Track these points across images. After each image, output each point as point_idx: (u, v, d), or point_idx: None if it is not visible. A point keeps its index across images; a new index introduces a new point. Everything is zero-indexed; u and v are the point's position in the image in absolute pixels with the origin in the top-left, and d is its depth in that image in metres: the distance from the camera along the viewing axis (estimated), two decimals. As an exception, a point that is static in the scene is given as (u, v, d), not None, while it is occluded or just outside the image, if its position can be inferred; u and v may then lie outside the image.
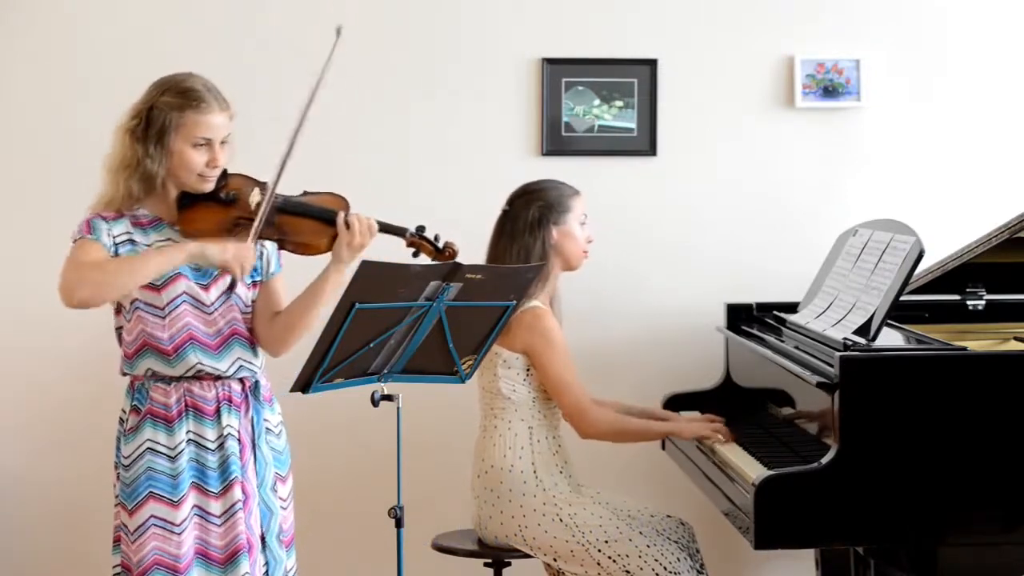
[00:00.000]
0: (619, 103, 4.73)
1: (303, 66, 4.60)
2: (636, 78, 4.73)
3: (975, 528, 3.46)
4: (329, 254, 3.48)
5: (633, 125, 4.74)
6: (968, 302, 4.37)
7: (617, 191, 4.72)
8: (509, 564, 4.06)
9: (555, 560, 3.90)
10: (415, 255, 3.56)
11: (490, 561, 4.06)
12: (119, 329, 3.51)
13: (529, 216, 3.96)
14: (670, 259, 4.78)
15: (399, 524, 3.42)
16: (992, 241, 3.98)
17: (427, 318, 3.34)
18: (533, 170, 4.32)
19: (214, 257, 3.36)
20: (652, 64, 4.73)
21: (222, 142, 3.45)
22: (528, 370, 3.95)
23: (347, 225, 3.45)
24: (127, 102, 4.65)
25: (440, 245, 3.54)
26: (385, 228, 3.51)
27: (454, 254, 3.55)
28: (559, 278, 4.06)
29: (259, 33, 4.70)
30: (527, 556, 3.96)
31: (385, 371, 3.42)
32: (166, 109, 3.42)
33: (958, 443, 3.42)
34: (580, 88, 4.72)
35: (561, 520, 3.88)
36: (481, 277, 3.36)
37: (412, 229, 3.54)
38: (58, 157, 4.73)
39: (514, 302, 3.47)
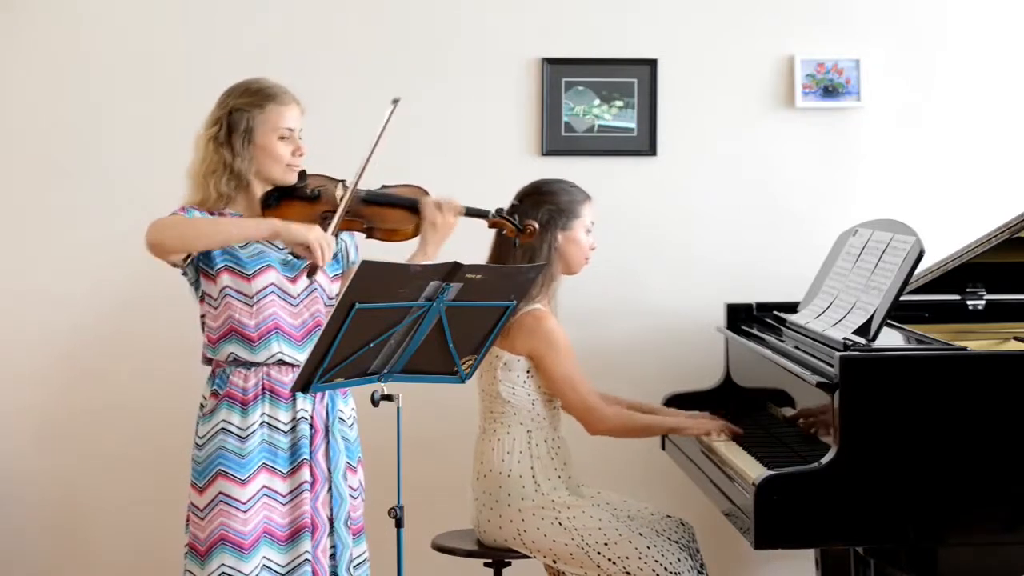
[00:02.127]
0: (619, 103, 4.73)
1: (304, 66, 4.64)
2: (636, 78, 4.73)
3: (975, 528, 3.46)
4: (415, 240, 3.67)
5: (633, 125, 4.74)
6: (968, 302, 4.37)
7: (617, 191, 4.72)
8: (509, 564, 4.06)
9: (555, 562, 3.90)
10: (498, 234, 3.88)
11: (490, 561, 4.06)
12: (203, 317, 3.63)
13: (537, 218, 3.96)
14: (670, 259, 4.78)
15: (399, 524, 3.42)
16: (992, 241, 3.98)
17: (427, 318, 3.34)
18: (533, 170, 4.32)
19: (298, 235, 3.48)
20: (652, 64, 4.73)
21: (300, 137, 3.63)
22: (528, 372, 3.95)
23: (433, 206, 3.64)
24: (127, 102, 4.71)
25: (521, 224, 3.77)
26: (469, 211, 3.72)
27: (535, 231, 3.81)
28: (560, 282, 4.06)
29: (260, 33, 4.71)
30: (527, 556, 3.96)
31: (385, 371, 3.42)
32: (247, 108, 3.59)
33: (958, 443, 3.42)
34: (580, 88, 4.72)
35: (560, 524, 3.87)
36: (481, 277, 3.35)
37: (493, 210, 3.77)
38: (58, 156, 4.74)
39: (514, 302, 3.47)
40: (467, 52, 4.73)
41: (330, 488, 3.62)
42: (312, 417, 3.60)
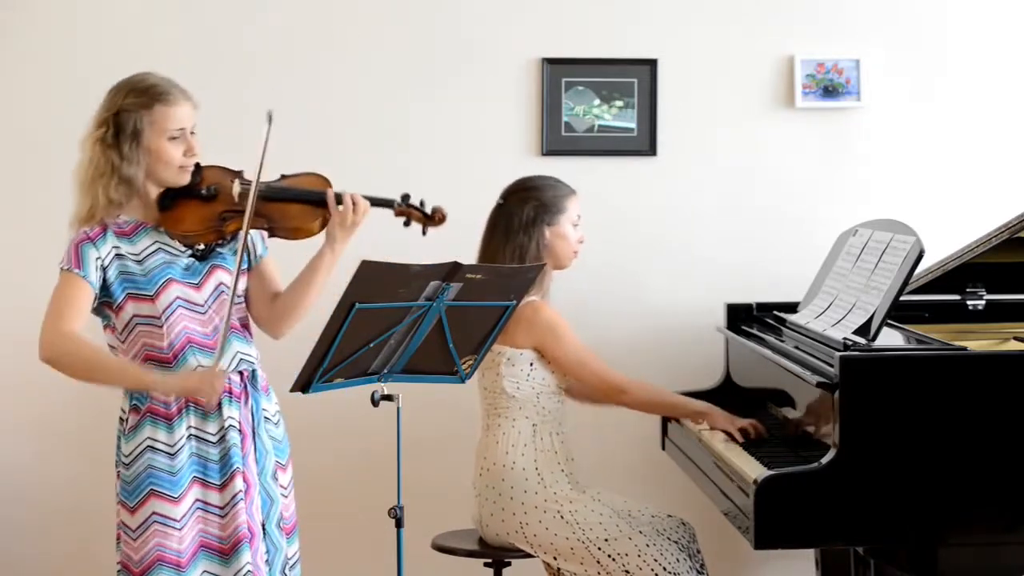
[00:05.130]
0: (619, 103, 4.73)
1: (304, 66, 4.65)
2: (636, 78, 4.73)
3: (975, 528, 3.46)
4: (322, 235, 3.51)
5: (633, 125, 4.74)
6: (968, 302, 4.37)
7: (617, 191, 4.72)
8: (509, 564, 4.06)
9: (555, 559, 3.90)
10: (406, 224, 3.59)
11: (490, 561, 4.06)
12: (111, 347, 3.51)
13: (524, 215, 3.97)
14: (670, 259, 4.78)
15: (399, 524, 3.42)
16: (992, 241, 3.98)
17: (427, 318, 3.35)
18: (533, 170, 4.31)
19: (176, 390, 3.41)
20: (652, 64, 4.73)
21: (192, 132, 3.47)
22: (532, 365, 3.95)
23: (338, 202, 3.47)
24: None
25: (429, 211, 3.58)
26: (374, 202, 3.53)
27: (443, 218, 3.58)
28: (552, 276, 4.07)
29: (260, 33, 4.70)
30: (527, 556, 3.96)
31: (385, 371, 3.42)
32: (133, 110, 3.44)
33: (958, 443, 3.42)
34: (580, 88, 4.72)
35: (562, 518, 3.88)
36: (481, 277, 3.36)
37: (398, 199, 3.57)
38: (58, 156, 4.73)
39: (514, 302, 3.47)
40: (467, 52, 4.73)
41: (260, 490, 3.52)
42: (239, 422, 3.48)
